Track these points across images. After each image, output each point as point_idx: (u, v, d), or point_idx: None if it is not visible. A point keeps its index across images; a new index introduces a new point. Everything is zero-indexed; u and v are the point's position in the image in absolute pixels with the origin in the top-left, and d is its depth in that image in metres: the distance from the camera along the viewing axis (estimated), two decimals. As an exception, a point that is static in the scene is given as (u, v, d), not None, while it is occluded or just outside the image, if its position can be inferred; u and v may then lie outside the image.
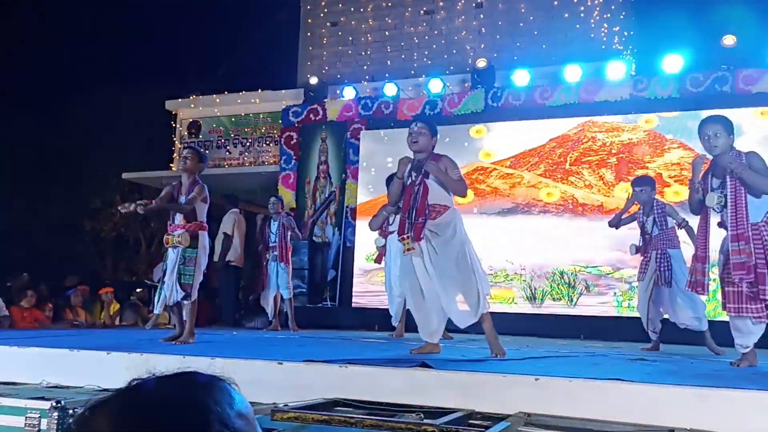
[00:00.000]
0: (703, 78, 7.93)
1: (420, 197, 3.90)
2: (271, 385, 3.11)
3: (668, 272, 5.32)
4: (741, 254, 3.53)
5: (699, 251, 3.76)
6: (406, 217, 3.95)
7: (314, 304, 9.12)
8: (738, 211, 3.57)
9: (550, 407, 2.69)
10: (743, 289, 3.57)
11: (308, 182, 9.76)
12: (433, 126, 4.14)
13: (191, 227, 4.56)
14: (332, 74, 10.43)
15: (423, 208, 3.88)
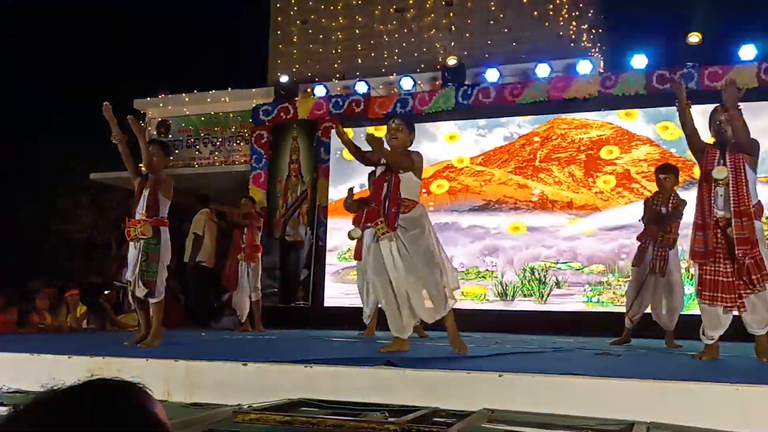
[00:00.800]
0: (669, 75, 8.03)
1: (392, 188, 3.91)
2: (235, 386, 3.08)
3: (664, 263, 5.37)
4: (744, 230, 3.61)
5: (699, 219, 3.77)
6: (378, 206, 3.95)
7: (286, 303, 9.07)
8: (739, 188, 3.67)
9: (514, 403, 2.70)
10: (720, 278, 3.62)
11: (279, 181, 9.70)
12: (410, 122, 4.17)
13: (153, 222, 4.50)
14: (303, 72, 10.39)
15: (396, 199, 3.90)
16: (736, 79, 7.13)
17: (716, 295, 3.65)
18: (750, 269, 3.56)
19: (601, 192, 8.19)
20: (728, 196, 3.68)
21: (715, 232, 3.68)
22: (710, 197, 3.74)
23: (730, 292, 3.62)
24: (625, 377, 2.67)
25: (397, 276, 3.85)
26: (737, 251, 3.58)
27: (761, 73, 7.69)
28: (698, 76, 7.89)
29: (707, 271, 3.70)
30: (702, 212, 3.76)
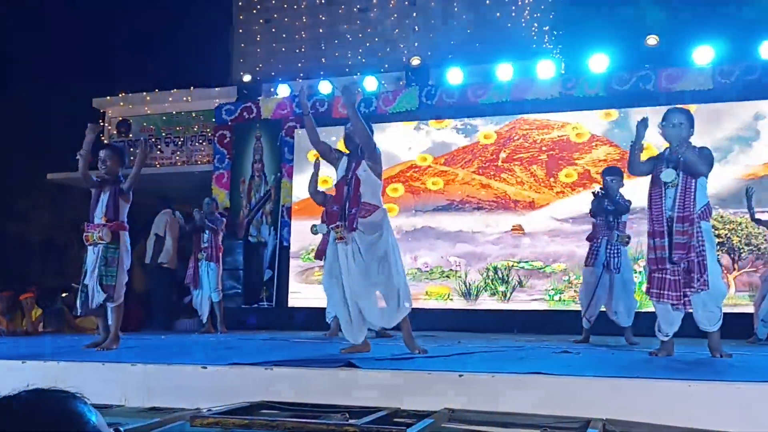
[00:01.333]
0: (627, 77, 8.18)
1: (353, 189, 3.90)
2: (195, 390, 3.05)
3: (618, 259, 5.47)
4: (684, 235, 3.69)
5: (657, 226, 3.81)
6: (339, 208, 3.93)
7: (250, 305, 9.00)
8: (687, 194, 3.74)
9: (474, 403, 2.72)
10: (667, 276, 3.70)
11: (243, 181, 9.62)
12: (369, 124, 4.15)
13: (112, 226, 4.44)
14: (266, 72, 10.31)
15: (356, 200, 3.90)
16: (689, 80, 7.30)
17: (663, 293, 3.75)
18: (692, 269, 3.65)
19: (562, 192, 8.30)
20: (675, 198, 3.75)
21: (663, 233, 3.75)
22: (661, 201, 3.80)
23: (676, 290, 3.71)
24: (582, 375, 2.71)
25: (350, 281, 3.84)
26: (674, 255, 3.66)
27: (716, 75, 7.88)
28: (656, 77, 8.05)
29: (656, 270, 3.78)
30: (652, 219, 3.83)
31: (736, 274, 7.52)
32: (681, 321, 3.83)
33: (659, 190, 3.82)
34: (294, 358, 3.31)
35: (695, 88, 7.89)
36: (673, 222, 3.72)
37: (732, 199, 7.59)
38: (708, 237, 3.78)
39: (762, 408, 2.34)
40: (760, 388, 2.40)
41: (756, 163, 7.70)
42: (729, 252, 7.59)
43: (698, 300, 3.74)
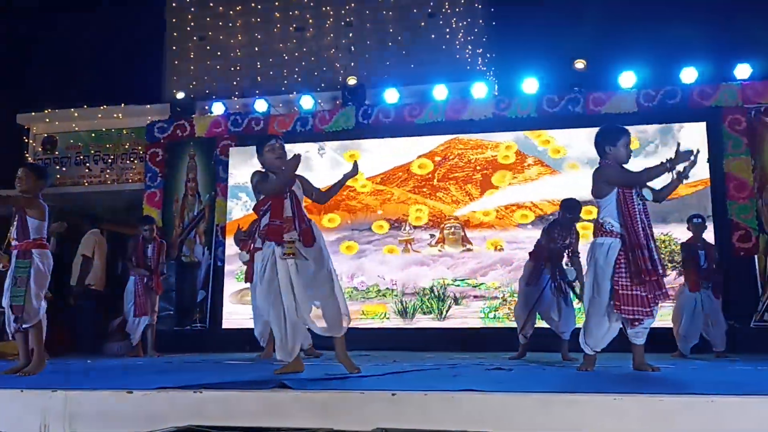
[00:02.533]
0: (557, 99, 8.44)
1: (296, 205, 3.88)
2: (119, 416, 2.93)
3: (564, 282, 5.63)
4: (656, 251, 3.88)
5: (636, 238, 3.84)
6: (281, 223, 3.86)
7: (182, 327, 8.79)
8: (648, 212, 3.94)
9: (408, 421, 2.71)
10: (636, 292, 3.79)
11: (176, 200, 9.42)
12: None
13: (22, 246, 4.30)
14: (200, 89, 10.16)
15: (303, 216, 3.87)
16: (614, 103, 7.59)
17: (636, 309, 3.80)
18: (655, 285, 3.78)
19: (496, 210, 8.44)
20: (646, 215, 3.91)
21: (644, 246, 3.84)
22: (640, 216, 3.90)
23: (647, 306, 3.81)
24: (512, 392, 2.74)
25: (291, 296, 3.79)
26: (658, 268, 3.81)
27: (640, 99, 8.21)
28: (584, 100, 8.33)
29: (622, 287, 3.85)
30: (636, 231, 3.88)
31: (661, 289, 7.78)
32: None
33: (634, 202, 3.92)
34: (225, 381, 3.23)
35: (620, 111, 8.19)
36: (650, 238, 3.84)
37: (655, 217, 7.86)
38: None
39: (683, 420, 2.41)
40: (682, 401, 2.48)
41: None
42: (654, 268, 7.87)
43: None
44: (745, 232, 7.75)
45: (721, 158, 7.94)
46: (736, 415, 2.37)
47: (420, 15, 9.89)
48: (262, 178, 3.97)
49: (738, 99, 7.99)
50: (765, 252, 7.69)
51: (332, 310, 3.86)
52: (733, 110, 8.00)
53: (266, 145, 3.98)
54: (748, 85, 8.01)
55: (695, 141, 8.08)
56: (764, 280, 7.64)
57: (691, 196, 7.89)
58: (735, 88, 8.02)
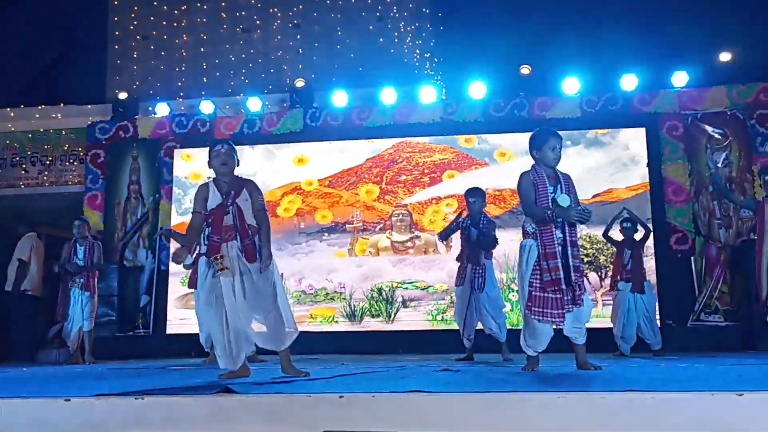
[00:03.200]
0: (503, 104, 8.57)
1: (238, 220, 3.79)
2: (56, 425, 2.83)
3: (481, 279, 5.63)
4: (576, 258, 3.88)
5: (549, 249, 3.87)
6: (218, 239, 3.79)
7: (124, 332, 8.56)
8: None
9: (355, 424, 2.70)
10: (549, 294, 3.84)
11: (118, 203, 9.18)
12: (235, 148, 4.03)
13: None
14: (143, 90, 9.94)
15: (245, 229, 3.78)
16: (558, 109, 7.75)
17: (546, 311, 3.86)
18: (576, 288, 3.84)
19: (443, 213, 8.51)
20: (564, 224, 3.87)
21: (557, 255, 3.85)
22: (551, 225, 3.86)
23: (558, 308, 3.86)
24: (459, 392, 2.76)
25: (234, 304, 3.71)
26: (573, 277, 3.83)
27: (583, 105, 8.42)
28: (529, 105, 8.49)
29: (536, 289, 3.91)
30: (544, 243, 3.89)
31: (602, 291, 7.99)
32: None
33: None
34: (167, 387, 3.15)
35: (564, 116, 8.38)
36: (568, 246, 3.86)
37: (598, 220, 8.06)
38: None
39: (625, 416, 2.47)
40: (624, 398, 2.53)
41: (620, 187, 8.27)
42: (596, 270, 8.07)
43: (571, 316, 3.89)
44: (682, 235, 8.01)
45: (659, 163, 8.20)
46: (676, 410, 2.44)
47: (368, 18, 9.91)
48: (195, 194, 3.90)
49: (675, 105, 8.27)
50: (701, 254, 7.97)
51: (274, 324, 3.80)
52: (670, 116, 8.27)
53: (212, 150, 3.91)
54: (684, 92, 8.30)
55: (635, 146, 8.34)
56: (700, 280, 7.92)
57: (631, 200, 8.12)
58: (672, 95, 8.30)
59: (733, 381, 3.03)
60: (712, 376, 3.51)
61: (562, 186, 3.94)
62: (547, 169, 4.00)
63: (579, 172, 8.12)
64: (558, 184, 3.95)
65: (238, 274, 3.75)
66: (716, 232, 7.97)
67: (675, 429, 2.41)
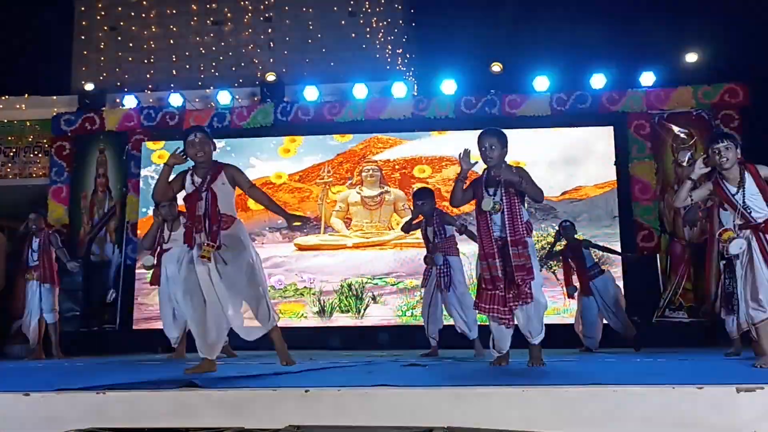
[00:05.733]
0: (475, 101, 8.60)
1: (210, 204, 3.75)
2: (15, 420, 2.77)
3: (447, 278, 5.61)
4: (521, 257, 3.79)
5: (487, 249, 3.87)
6: (191, 224, 3.76)
7: (90, 328, 8.41)
8: (514, 218, 3.82)
9: (321, 418, 2.68)
10: (497, 292, 3.86)
11: (84, 196, 9.03)
12: (209, 133, 4.01)
13: None
14: (111, 81, 9.77)
15: (215, 215, 3.75)
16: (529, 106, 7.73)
17: (493, 308, 3.86)
18: (523, 284, 3.82)
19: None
20: (504, 223, 3.84)
21: (499, 254, 3.85)
22: (488, 226, 3.87)
23: (504, 305, 3.85)
24: (426, 386, 2.76)
25: (212, 293, 3.69)
26: (516, 277, 3.79)
27: (553, 103, 8.49)
28: (500, 102, 8.53)
29: (483, 286, 3.92)
30: (482, 243, 3.92)
31: (570, 287, 8.05)
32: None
33: (485, 215, 3.87)
34: (129, 381, 3.10)
35: (534, 114, 8.44)
36: (508, 245, 3.81)
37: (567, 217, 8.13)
38: (532, 252, 3.90)
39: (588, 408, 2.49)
40: (587, 391, 2.56)
41: (587, 185, 8.35)
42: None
43: (522, 314, 3.87)
44: (648, 232, 8.13)
45: (626, 161, 8.31)
46: (638, 403, 2.47)
47: (340, 13, 9.87)
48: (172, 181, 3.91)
49: (642, 105, 8.38)
50: (666, 251, 8.09)
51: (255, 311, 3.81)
52: (638, 115, 8.39)
53: (186, 140, 3.89)
54: (652, 92, 8.41)
55: (603, 144, 8.43)
56: (665, 277, 8.04)
57: (599, 197, 8.22)
58: (640, 95, 8.41)
59: (694, 375, 3.08)
60: (674, 370, 3.57)
61: (500, 187, 3.85)
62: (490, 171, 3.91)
63: (547, 170, 8.21)
64: (497, 185, 3.86)
65: (213, 263, 3.72)
66: (681, 230, 8.10)
67: (637, 422, 2.44)
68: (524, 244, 3.83)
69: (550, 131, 8.46)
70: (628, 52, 8.59)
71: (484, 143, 3.88)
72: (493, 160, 3.87)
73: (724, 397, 2.44)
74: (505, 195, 3.85)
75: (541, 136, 8.37)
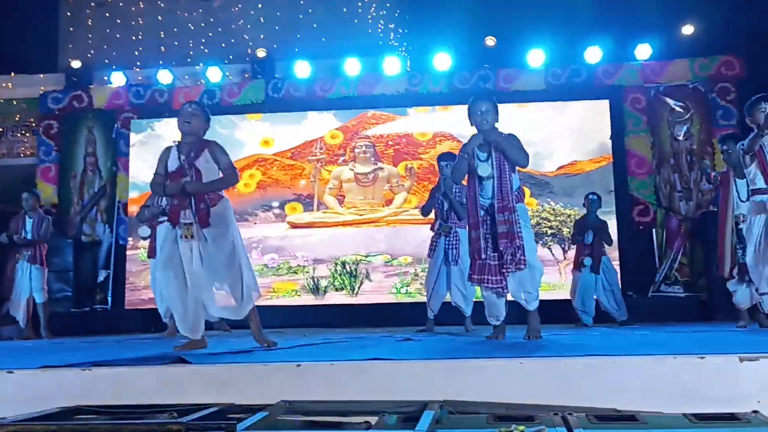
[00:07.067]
0: (468, 76, 8.49)
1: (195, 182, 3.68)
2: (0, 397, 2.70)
3: (455, 251, 5.53)
4: (506, 224, 3.78)
5: (472, 218, 3.91)
6: (177, 202, 3.67)
7: (81, 308, 8.33)
8: (503, 184, 3.82)
9: (313, 393, 2.62)
10: (488, 261, 3.81)
11: (73, 176, 8.91)
12: (207, 111, 3.92)
13: None
14: (98, 59, 9.57)
15: (203, 194, 3.66)
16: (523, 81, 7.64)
17: (483, 278, 3.85)
18: (514, 252, 3.79)
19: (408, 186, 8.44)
20: (493, 189, 3.85)
21: (484, 221, 3.85)
22: (475, 194, 3.89)
23: (497, 274, 3.83)
24: (420, 359, 2.69)
25: (195, 274, 3.61)
26: (500, 244, 3.78)
27: (548, 77, 8.37)
28: (494, 77, 8.42)
29: (478, 258, 3.89)
30: (471, 210, 3.92)
31: (566, 263, 8.02)
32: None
33: (474, 182, 3.90)
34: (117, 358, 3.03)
35: (529, 88, 8.34)
36: (495, 211, 3.81)
37: (562, 192, 8.10)
38: (524, 217, 3.90)
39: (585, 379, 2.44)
40: (584, 362, 2.51)
41: (583, 159, 8.27)
42: (559, 243, 8.09)
43: (516, 280, 3.85)
44: (644, 207, 8.08)
45: (622, 136, 8.22)
46: (639, 373, 2.42)
47: (331, -13, 9.68)
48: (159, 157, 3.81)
49: (639, 78, 8.28)
50: (662, 225, 8.04)
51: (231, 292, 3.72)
52: (634, 89, 8.29)
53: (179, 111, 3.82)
54: (648, 65, 8.31)
55: (599, 119, 8.34)
56: (661, 252, 8.00)
57: (595, 172, 8.14)
58: (636, 68, 8.31)
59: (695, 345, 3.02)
60: (674, 341, 3.52)
61: (492, 153, 3.87)
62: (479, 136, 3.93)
63: (543, 145, 8.13)
64: (490, 152, 3.88)
65: (196, 240, 3.64)
66: (677, 204, 8.05)
67: (638, 392, 2.38)
68: (511, 210, 3.82)
69: (546, 105, 8.36)
70: (624, 25, 8.46)
71: (480, 108, 3.91)
72: (488, 123, 3.91)
73: (726, 367, 2.38)
74: (496, 161, 3.86)
75: (536, 110, 8.28)
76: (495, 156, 3.86)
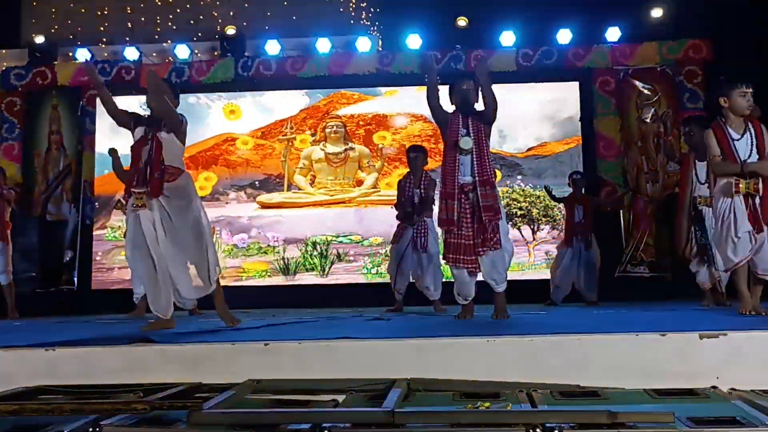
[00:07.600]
0: (440, 56, 8.44)
1: (153, 152, 3.62)
2: (-41, 378, 2.64)
3: (423, 239, 5.57)
4: (488, 197, 3.85)
5: (444, 188, 3.95)
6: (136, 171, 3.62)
7: (46, 288, 8.20)
8: (482, 158, 3.89)
9: (281, 372, 2.62)
10: (463, 241, 3.84)
11: (37, 154, 8.71)
12: (176, 87, 3.87)
13: None
14: (63, 34, 9.32)
15: (158, 163, 3.61)
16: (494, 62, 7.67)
17: (459, 257, 3.88)
18: (488, 230, 3.83)
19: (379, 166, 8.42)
20: (473, 164, 3.89)
21: (459, 199, 3.89)
22: (455, 166, 3.92)
23: (471, 254, 3.87)
24: (388, 338, 2.71)
25: (160, 250, 3.57)
26: (483, 217, 3.82)
27: (519, 59, 8.39)
28: (465, 58, 8.40)
29: (452, 236, 3.91)
30: (446, 181, 3.95)
31: (535, 243, 8.10)
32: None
33: (454, 154, 3.94)
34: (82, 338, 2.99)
35: (500, 69, 8.32)
36: (477, 185, 3.85)
37: (532, 174, 8.16)
38: (498, 199, 3.97)
39: (553, 356, 2.47)
40: (551, 340, 2.54)
41: (553, 141, 8.33)
42: (529, 223, 8.16)
43: (487, 260, 3.88)
44: (611, 189, 8.17)
45: (591, 118, 8.29)
46: (603, 351, 2.46)
47: (303, -36, 9.54)
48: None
49: (608, 60, 8.34)
50: (629, 207, 8.15)
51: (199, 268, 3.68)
52: (603, 71, 8.34)
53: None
54: (617, 47, 8.36)
55: (569, 100, 8.39)
56: (628, 233, 8.12)
57: (564, 153, 8.21)
58: (605, 50, 8.36)
59: (657, 323, 3.08)
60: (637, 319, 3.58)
61: (470, 127, 3.94)
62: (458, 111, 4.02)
63: (513, 126, 8.17)
64: (467, 126, 3.96)
65: (158, 215, 3.58)
66: (644, 186, 8.16)
67: (602, 369, 2.42)
68: (492, 185, 3.89)
69: (516, 87, 8.37)
70: (594, 7, 8.47)
71: (462, 85, 4.02)
72: (466, 102, 4.00)
73: (686, 345, 2.43)
74: (474, 136, 3.89)
75: (507, 91, 8.24)
76: (473, 129, 3.91)
